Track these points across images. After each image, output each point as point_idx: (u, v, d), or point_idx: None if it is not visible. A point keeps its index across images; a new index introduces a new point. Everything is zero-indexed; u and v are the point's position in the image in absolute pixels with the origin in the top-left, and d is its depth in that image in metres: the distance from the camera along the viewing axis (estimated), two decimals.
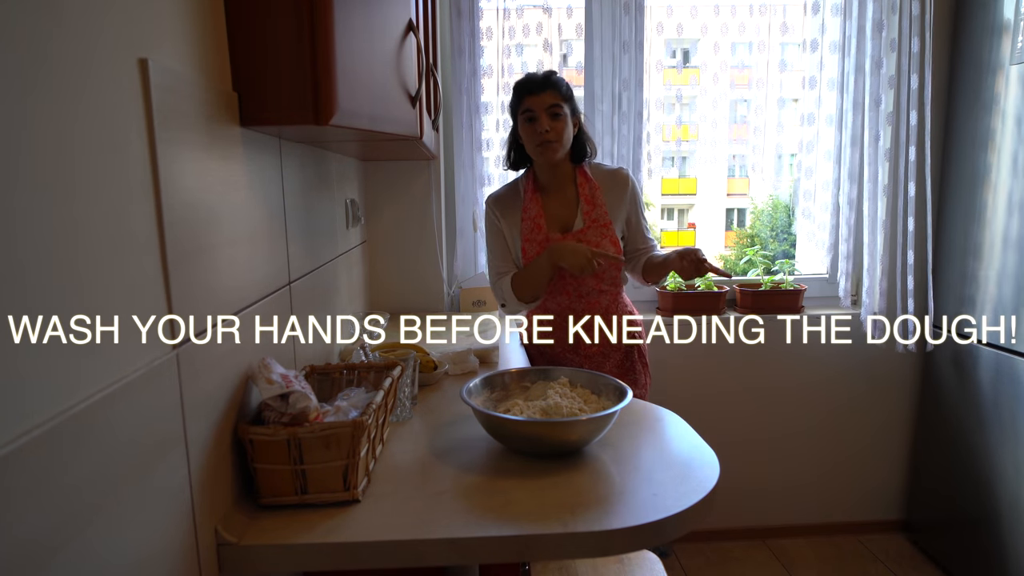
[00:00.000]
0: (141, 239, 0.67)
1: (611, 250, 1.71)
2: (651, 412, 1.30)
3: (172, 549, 0.72)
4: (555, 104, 1.64)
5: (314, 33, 0.88)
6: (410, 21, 1.24)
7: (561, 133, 1.66)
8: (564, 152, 1.70)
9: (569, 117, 1.68)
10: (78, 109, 0.57)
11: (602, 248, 1.70)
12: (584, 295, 1.76)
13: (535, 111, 1.64)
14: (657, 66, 2.29)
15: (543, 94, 1.64)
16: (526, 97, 1.65)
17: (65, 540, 0.54)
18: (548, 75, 1.67)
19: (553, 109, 1.64)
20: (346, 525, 0.87)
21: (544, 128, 1.63)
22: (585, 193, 1.74)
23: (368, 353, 1.41)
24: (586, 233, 1.72)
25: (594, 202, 1.73)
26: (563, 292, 1.76)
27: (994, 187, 2.06)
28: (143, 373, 0.66)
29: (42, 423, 0.51)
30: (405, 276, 2.24)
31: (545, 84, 1.64)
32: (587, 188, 1.74)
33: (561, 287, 1.76)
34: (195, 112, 0.80)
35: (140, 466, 0.66)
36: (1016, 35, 1.95)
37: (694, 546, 2.47)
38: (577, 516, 0.88)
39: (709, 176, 2.39)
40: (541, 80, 1.65)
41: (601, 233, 1.71)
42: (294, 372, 0.98)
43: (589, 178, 1.76)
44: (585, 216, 1.73)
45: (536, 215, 1.74)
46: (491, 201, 1.82)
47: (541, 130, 1.63)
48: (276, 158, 1.14)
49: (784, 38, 2.28)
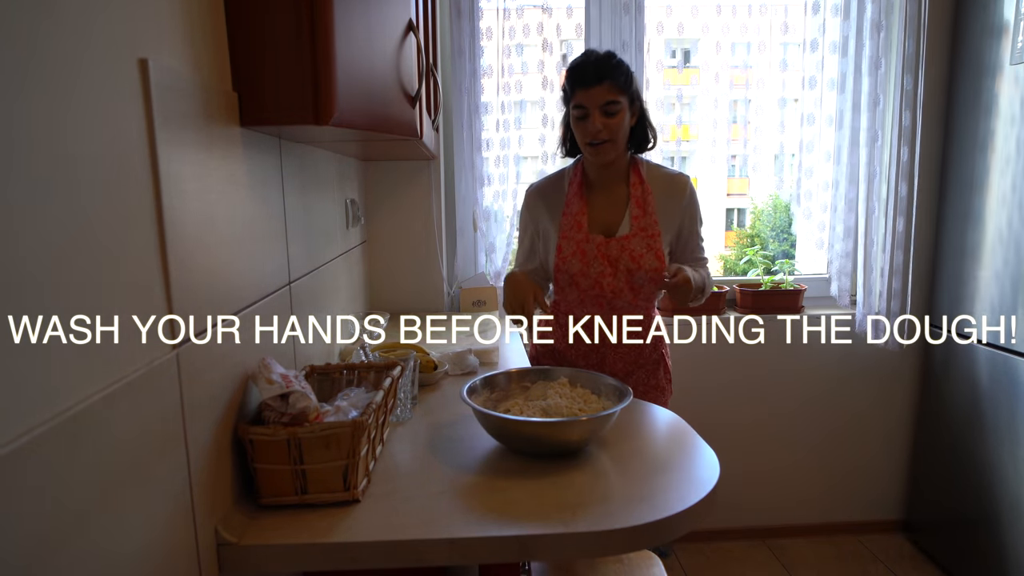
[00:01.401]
0: (141, 239, 0.67)
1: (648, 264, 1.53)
2: (651, 412, 1.30)
3: (172, 549, 0.72)
4: (611, 101, 1.43)
5: (314, 33, 0.88)
6: (410, 21, 1.24)
7: (616, 132, 1.46)
8: (619, 151, 1.51)
9: (628, 109, 1.48)
10: (78, 109, 0.57)
11: (644, 261, 1.52)
12: (617, 309, 1.61)
13: (587, 108, 1.44)
14: (657, 66, 2.29)
15: (598, 87, 1.42)
16: (579, 90, 1.44)
17: (65, 540, 0.54)
18: (605, 62, 1.44)
19: (609, 107, 1.44)
20: (346, 525, 0.87)
21: (597, 128, 1.44)
22: (637, 195, 1.54)
23: (368, 353, 1.41)
24: (630, 241, 1.53)
25: (645, 208, 1.54)
26: (596, 304, 1.62)
27: (993, 187, 2.06)
28: (143, 373, 0.66)
29: (42, 423, 0.51)
30: (405, 276, 2.24)
31: (600, 75, 1.42)
32: (640, 190, 1.55)
33: (594, 300, 1.61)
34: (195, 112, 0.80)
35: (140, 466, 0.66)
36: (1016, 35, 1.95)
37: (694, 546, 2.47)
38: (577, 516, 0.88)
39: (709, 176, 2.39)
40: (595, 70, 1.43)
41: (646, 244, 1.53)
42: (294, 372, 0.98)
43: (644, 179, 1.57)
44: (633, 221, 1.54)
45: (578, 212, 1.56)
46: (532, 192, 1.65)
47: (594, 130, 1.45)
48: (276, 158, 1.14)
49: (785, 38, 2.28)
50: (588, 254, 1.55)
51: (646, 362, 1.71)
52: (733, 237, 2.91)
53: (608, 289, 1.55)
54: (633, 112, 1.51)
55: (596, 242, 1.55)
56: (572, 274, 1.58)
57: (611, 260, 1.55)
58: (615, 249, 1.54)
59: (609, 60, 1.45)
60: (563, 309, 1.70)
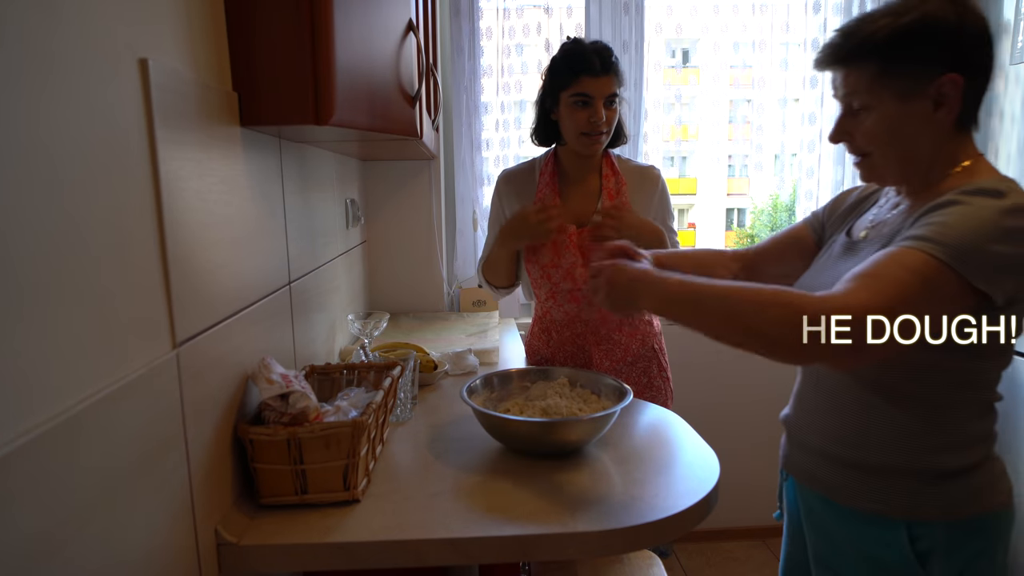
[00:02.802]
0: (141, 239, 0.67)
1: None
2: (651, 412, 1.31)
3: (172, 549, 0.72)
4: (614, 94, 1.44)
5: (314, 33, 0.88)
6: (410, 21, 1.24)
7: (612, 124, 1.47)
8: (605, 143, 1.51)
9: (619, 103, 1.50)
10: (78, 109, 0.57)
11: None
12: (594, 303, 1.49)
13: (592, 97, 1.42)
14: (656, 66, 2.29)
15: (605, 78, 1.41)
16: (584, 78, 1.41)
17: (65, 540, 0.54)
18: (608, 54, 1.44)
19: (611, 99, 1.44)
20: (346, 525, 0.87)
21: (601, 118, 1.42)
22: (609, 187, 1.55)
23: (368, 353, 1.41)
24: None
25: (618, 199, 1.55)
26: (572, 300, 1.57)
27: None
28: (143, 373, 0.66)
29: (42, 423, 0.51)
30: (405, 276, 2.24)
31: (607, 66, 1.42)
32: (612, 181, 1.55)
33: (568, 296, 1.56)
34: (195, 112, 0.80)
35: (140, 466, 0.66)
36: (1016, 35, 1.95)
37: (694, 546, 2.47)
38: (577, 516, 0.88)
39: (709, 176, 2.39)
40: (602, 61, 1.41)
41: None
42: (294, 372, 0.98)
43: (616, 171, 1.57)
44: None
45: (550, 203, 1.53)
46: (503, 178, 1.63)
47: (596, 120, 1.43)
48: (276, 158, 1.14)
49: (786, 37, 2.28)
50: (559, 244, 1.53)
51: (636, 359, 1.64)
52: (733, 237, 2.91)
53: (581, 280, 1.52)
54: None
55: (568, 232, 1.52)
56: (543, 265, 1.55)
57: (583, 250, 1.53)
58: (586, 239, 1.52)
59: (611, 53, 1.45)
60: (540, 312, 1.66)
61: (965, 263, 0.77)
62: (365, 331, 1.43)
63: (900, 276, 0.78)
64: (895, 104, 0.86)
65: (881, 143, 0.89)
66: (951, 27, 0.82)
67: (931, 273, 0.78)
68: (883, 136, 0.88)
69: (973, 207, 0.79)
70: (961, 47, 0.83)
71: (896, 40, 0.84)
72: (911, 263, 0.78)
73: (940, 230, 0.79)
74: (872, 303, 0.77)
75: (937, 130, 0.86)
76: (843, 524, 0.94)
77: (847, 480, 0.93)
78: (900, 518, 0.89)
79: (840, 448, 0.95)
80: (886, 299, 0.77)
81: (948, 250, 0.77)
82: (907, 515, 0.89)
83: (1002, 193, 0.79)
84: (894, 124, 0.87)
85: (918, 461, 0.89)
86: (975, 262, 0.77)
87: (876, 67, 0.85)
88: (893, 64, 0.85)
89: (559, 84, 1.45)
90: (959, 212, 0.79)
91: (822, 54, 0.91)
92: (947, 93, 0.83)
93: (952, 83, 0.82)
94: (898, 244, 0.82)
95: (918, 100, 0.85)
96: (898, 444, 0.89)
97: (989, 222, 0.78)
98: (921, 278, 0.78)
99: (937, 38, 0.83)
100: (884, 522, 0.90)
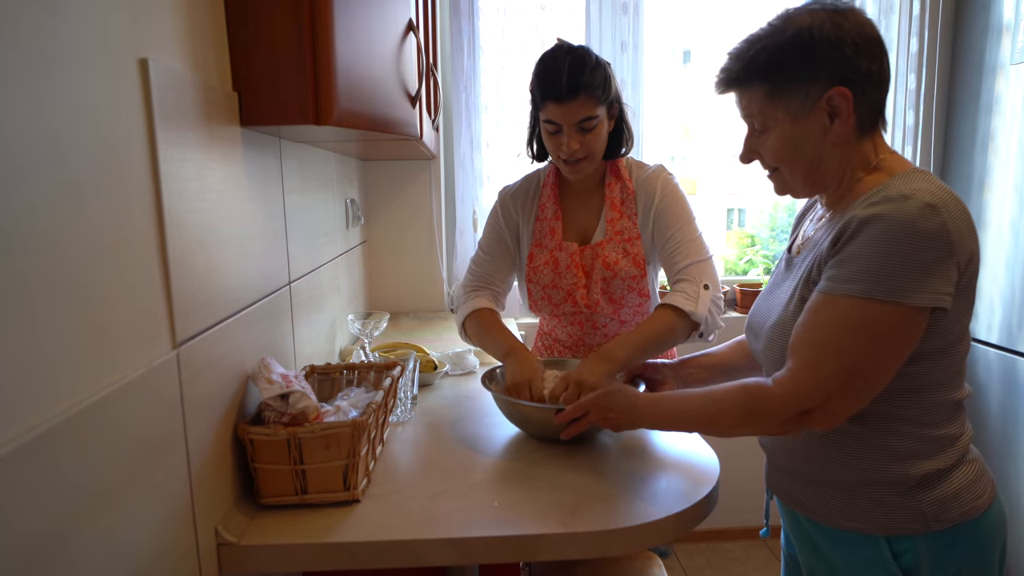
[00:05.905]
0: (141, 238, 0.67)
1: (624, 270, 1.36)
2: None
3: (172, 549, 0.72)
4: (588, 117, 1.25)
5: (314, 33, 0.88)
6: (410, 21, 1.24)
7: (593, 147, 1.30)
8: (596, 163, 1.36)
9: (606, 116, 1.31)
10: (78, 109, 0.57)
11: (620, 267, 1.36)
12: (600, 327, 1.46)
13: (560, 125, 1.27)
14: (656, 66, 2.29)
15: (572, 103, 1.23)
16: (549, 104, 1.25)
17: (65, 539, 0.54)
18: (579, 69, 1.23)
19: (585, 123, 1.26)
20: (346, 525, 0.87)
21: (573, 148, 1.27)
22: (613, 197, 1.40)
23: (368, 353, 1.41)
24: (604, 247, 1.38)
25: (623, 210, 1.39)
26: (575, 324, 1.47)
27: (995, 187, 2.06)
28: (143, 373, 0.66)
29: (42, 423, 0.51)
30: (405, 276, 2.24)
31: (575, 88, 1.22)
32: (617, 191, 1.40)
33: (571, 319, 1.46)
34: (195, 112, 0.80)
35: (140, 466, 0.66)
36: (1016, 35, 1.95)
37: (694, 546, 2.47)
38: (577, 516, 0.88)
39: (709, 176, 2.39)
40: (569, 82, 1.22)
41: (623, 248, 1.38)
42: (294, 372, 0.98)
43: (623, 179, 1.41)
44: (608, 226, 1.39)
45: (552, 218, 1.42)
46: (504, 196, 1.48)
47: (568, 151, 1.28)
48: (276, 158, 1.14)
49: None
50: (560, 263, 1.41)
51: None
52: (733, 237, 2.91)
53: (583, 303, 1.39)
54: (611, 117, 1.33)
55: (569, 250, 1.40)
56: (543, 286, 1.44)
57: (585, 270, 1.40)
58: (588, 257, 1.40)
59: (584, 67, 1.23)
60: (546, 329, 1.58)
61: (900, 292, 0.75)
62: (365, 331, 1.43)
63: (843, 341, 0.78)
64: (790, 123, 0.86)
65: (786, 160, 0.89)
66: (829, 40, 0.81)
67: (872, 319, 0.77)
68: (786, 153, 0.88)
69: (884, 224, 0.76)
70: (842, 58, 0.82)
71: (776, 61, 0.85)
72: (848, 318, 0.78)
73: (861, 266, 0.77)
74: (825, 386, 0.80)
75: (838, 140, 0.85)
76: (829, 544, 0.91)
77: (820, 498, 0.90)
78: (879, 534, 0.85)
79: (805, 465, 0.92)
80: (839, 374, 0.80)
81: (878, 287, 0.76)
82: (884, 531, 0.85)
83: (907, 197, 0.77)
84: (793, 141, 0.87)
85: (882, 473, 0.85)
86: (910, 285, 0.75)
87: (764, 89, 0.86)
88: (779, 84, 0.85)
89: (535, 104, 1.32)
90: (872, 238, 0.77)
91: (717, 78, 0.91)
92: (838, 105, 0.83)
93: (841, 95, 0.82)
94: (826, 289, 0.81)
95: (811, 116, 0.84)
96: (858, 457, 0.86)
97: (905, 234, 0.75)
98: (865, 333, 0.77)
99: (815, 54, 0.82)
100: (864, 540, 0.86)
